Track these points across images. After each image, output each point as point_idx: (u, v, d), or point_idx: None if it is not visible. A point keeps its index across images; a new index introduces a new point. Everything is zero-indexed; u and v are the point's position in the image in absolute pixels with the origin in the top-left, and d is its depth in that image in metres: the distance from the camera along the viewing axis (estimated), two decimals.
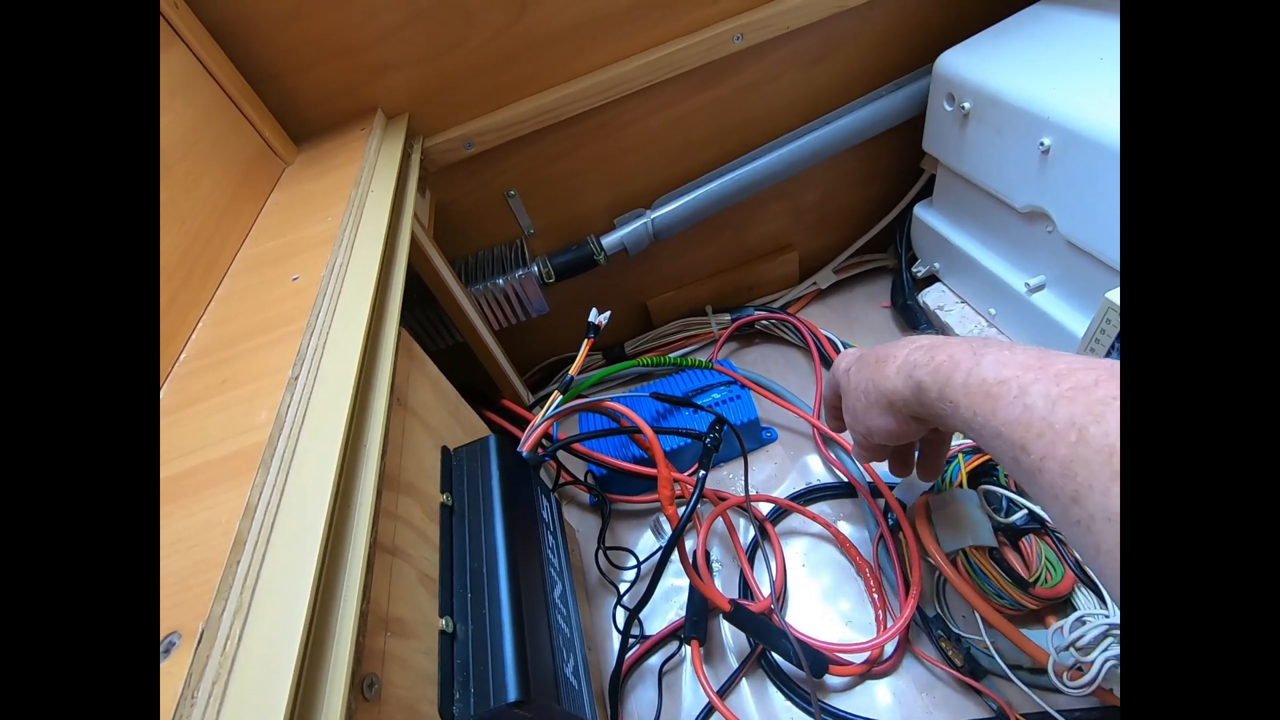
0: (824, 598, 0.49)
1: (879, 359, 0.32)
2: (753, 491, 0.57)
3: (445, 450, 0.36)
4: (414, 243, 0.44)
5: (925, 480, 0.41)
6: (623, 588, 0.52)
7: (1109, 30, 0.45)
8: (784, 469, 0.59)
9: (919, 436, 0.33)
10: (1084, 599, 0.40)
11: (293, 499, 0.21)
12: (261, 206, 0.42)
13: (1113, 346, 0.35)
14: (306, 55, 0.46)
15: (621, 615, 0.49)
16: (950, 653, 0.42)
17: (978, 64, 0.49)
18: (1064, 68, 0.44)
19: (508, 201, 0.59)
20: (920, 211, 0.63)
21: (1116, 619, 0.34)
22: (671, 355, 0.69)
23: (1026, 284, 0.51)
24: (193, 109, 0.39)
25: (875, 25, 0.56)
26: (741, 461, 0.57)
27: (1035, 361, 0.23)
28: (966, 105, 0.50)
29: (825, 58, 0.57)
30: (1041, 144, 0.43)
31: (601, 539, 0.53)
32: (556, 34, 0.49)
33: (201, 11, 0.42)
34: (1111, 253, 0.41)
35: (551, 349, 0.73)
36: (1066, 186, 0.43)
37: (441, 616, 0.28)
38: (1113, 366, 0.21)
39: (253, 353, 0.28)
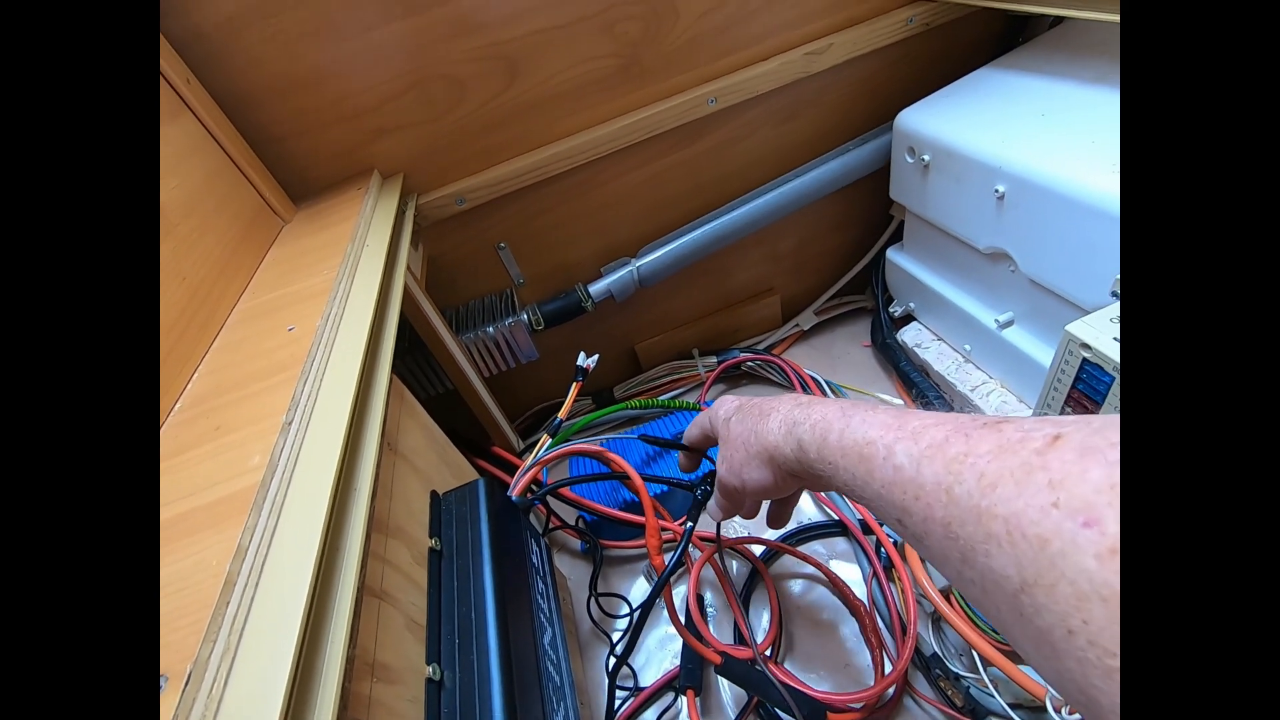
0: (820, 641, 0.48)
1: (761, 412, 0.31)
2: (743, 533, 0.56)
3: (434, 495, 0.37)
4: (406, 293, 0.45)
5: (774, 528, 0.42)
6: (615, 636, 0.51)
7: (1047, 89, 0.49)
8: None
9: (789, 493, 0.32)
10: None
11: (283, 541, 0.22)
12: (260, 262, 0.44)
13: (1077, 376, 0.37)
14: (309, 122, 0.49)
15: (615, 666, 0.48)
16: (950, 693, 0.41)
17: (933, 120, 0.53)
18: (1010, 122, 0.48)
19: (498, 253, 0.61)
20: (892, 255, 0.66)
21: None
22: (660, 398, 0.70)
23: (996, 320, 0.53)
24: (198, 173, 0.41)
25: (838, 88, 0.60)
26: None
27: (894, 421, 0.23)
28: (926, 158, 0.54)
29: (794, 117, 0.61)
30: (996, 190, 0.46)
31: (593, 585, 0.52)
32: (543, 100, 0.53)
33: (211, 83, 0.45)
34: (1069, 288, 0.44)
35: (541, 395, 0.74)
36: (1023, 228, 0.46)
37: (429, 663, 0.28)
38: (957, 420, 0.21)
39: (247, 400, 0.29)
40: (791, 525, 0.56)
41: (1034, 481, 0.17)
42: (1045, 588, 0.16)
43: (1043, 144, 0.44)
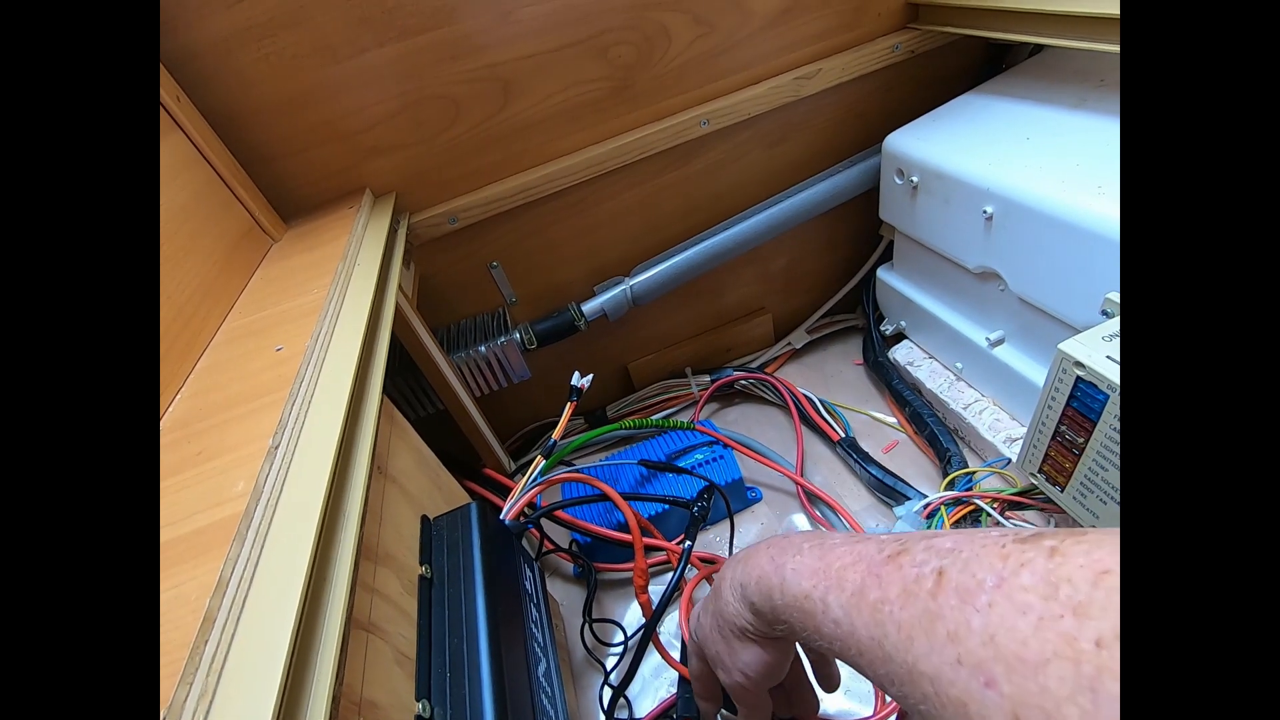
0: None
1: (715, 591, 0.30)
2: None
3: (425, 519, 0.35)
4: (398, 313, 0.45)
5: (828, 691, 0.36)
6: (610, 664, 0.49)
7: (1030, 114, 0.50)
8: (770, 529, 0.58)
9: (790, 658, 0.30)
10: None
11: (267, 572, 0.21)
12: (248, 281, 0.43)
13: (1071, 395, 0.37)
14: (300, 141, 0.49)
15: (609, 696, 0.47)
16: None
17: (921, 144, 0.55)
18: (997, 145, 0.49)
19: (490, 272, 0.61)
20: (883, 274, 0.67)
21: None
22: (654, 417, 0.69)
23: (987, 339, 0.53)
24: (186, 191, 0.40)
25: (827, 111, 0.62)
26: (727, 522, 0.56)
27: (820, 564, 0.22)
28: (915, 179, 0.54)
29: (785, 139, 0.62)
30: (985, 211, 0.47)
31: (588, 611, 0.51)
32: (537, 121, 0.53)
33: (202, 102, 0.44)
34: (1059, 307, 0.44)
35: (533, 415, 0.73)
36: (1011, 248, 0.47)
37: (418, 700, 0.26)
38: (868, 556, 0.20)
39: (231, 423, 0.28)
40: None
41: (937, 634, 0.16)
42: None
43: (1029, 166, 0.45)
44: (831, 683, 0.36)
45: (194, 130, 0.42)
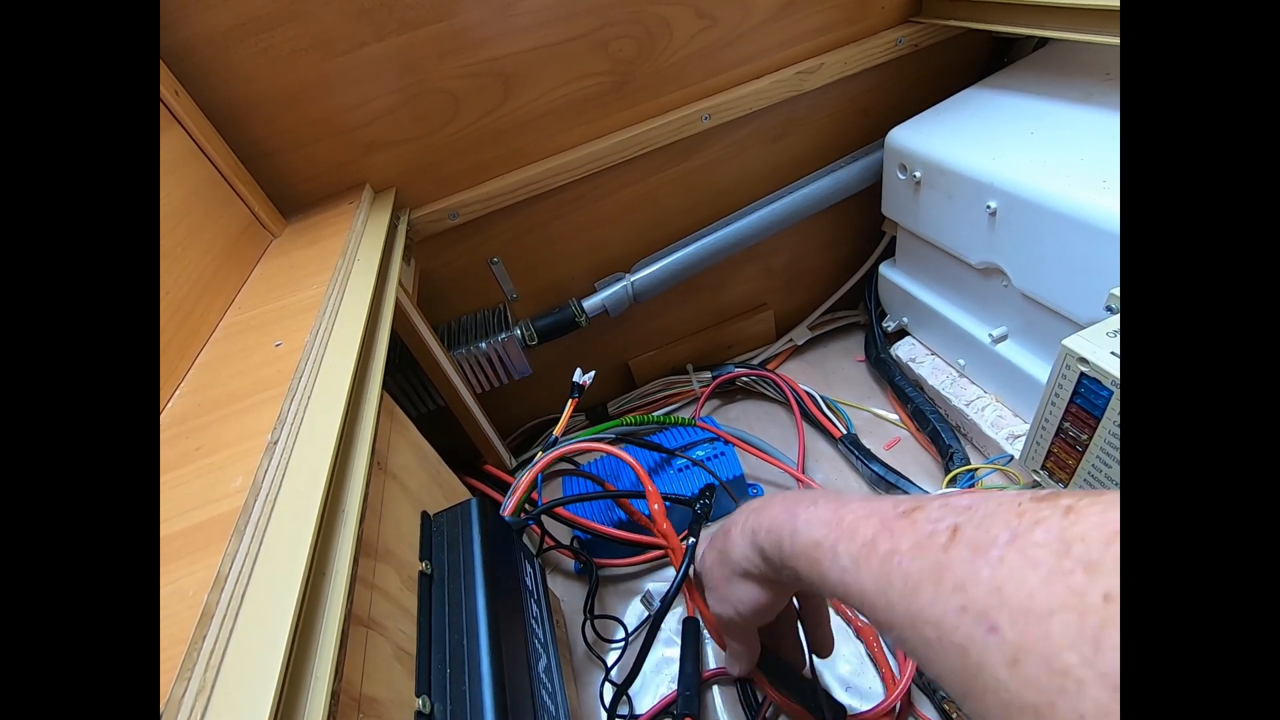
0: (822, 662, 0.47)
1: (724, 530, 0.31)
2: None
3: (425, 515, 0.35)
4: (398, 309, 0.45)
5: (821, 656, 0.37)
6: (610, 658, 0.49)
7: (1034, 108, 0.50)
8: None
9: (784, 602, 0.31)
10: None
11: (266, 568, 0.21)
12: (247, 276, 0.43)
13: (1075, 391, 0.37)
14: (300, 136, 0.49)
15: (610, 692, 0.47)
16: (955, 715, 0.40)
17: (924, 138, 0.54)
18: (1000, 140, 0.48)
19: (491, 268, 0.61)
20: (885, 270, 0.66)
21: None
22: (655, 414, 0.69)
23: (990, 335, 0.53)
24: (185, 186, 0.40)
25: (828, 106, 0.61)
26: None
27: (833, 517, 0.23)
28: (918, 174, 0.54)
29: (787, 134, 0.62)
30: (989, 207, 0.47)
31: (589, 607, 0.51)
32: (537, 115, 0.53)
33: (201, 97, 0.44)
34: (1063, 303, 0.44)
35: (534, 412, 0.73)
36: (1015, 244, 0.46)
37: (418, 696, 0.26)
38: (882, 511, 0.21)
39: (230, 419, 0.28)
40: None
41: (945, 584, 0.17)
42: (976, 697, 0.15)
43: (1033, 161, 0.45)
44: (825, 648, 0.37)
45: (193, 125, 0.42)
